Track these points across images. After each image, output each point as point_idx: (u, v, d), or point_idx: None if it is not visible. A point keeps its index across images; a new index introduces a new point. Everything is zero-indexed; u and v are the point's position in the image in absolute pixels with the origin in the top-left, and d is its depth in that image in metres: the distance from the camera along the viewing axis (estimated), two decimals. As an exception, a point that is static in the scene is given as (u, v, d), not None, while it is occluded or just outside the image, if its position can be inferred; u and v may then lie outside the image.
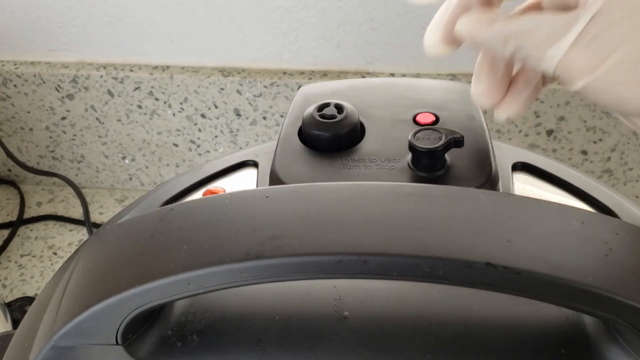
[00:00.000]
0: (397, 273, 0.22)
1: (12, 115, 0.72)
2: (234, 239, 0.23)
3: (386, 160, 0.33)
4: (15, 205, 0.76)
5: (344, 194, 0.25)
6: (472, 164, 0.32)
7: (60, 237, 0.72)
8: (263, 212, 0.24)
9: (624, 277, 0.22)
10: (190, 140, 0.71)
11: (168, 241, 0.24)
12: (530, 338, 0.26)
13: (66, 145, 0.74)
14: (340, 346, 0.26)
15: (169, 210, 0.26)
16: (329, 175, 0.32)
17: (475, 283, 0.22)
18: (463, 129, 0.33)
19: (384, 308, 0.27)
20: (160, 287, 0.23)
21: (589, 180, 0.37)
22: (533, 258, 0.22)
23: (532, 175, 0.38)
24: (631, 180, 0.67)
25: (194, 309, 0.27)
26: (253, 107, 0.67)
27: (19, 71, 0.68)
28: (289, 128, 0.35)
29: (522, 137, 0.65)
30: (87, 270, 0.26)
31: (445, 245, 0.22)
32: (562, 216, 0.24)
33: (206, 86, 0.66)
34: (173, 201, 0.37)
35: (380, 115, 0.36)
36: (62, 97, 0.69)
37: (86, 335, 0.25)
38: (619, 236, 0.24)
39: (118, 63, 0.68)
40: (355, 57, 0.64)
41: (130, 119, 0.70)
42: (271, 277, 0.23)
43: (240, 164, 0.39)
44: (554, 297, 0.22)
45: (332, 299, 0.27)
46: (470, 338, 0.26)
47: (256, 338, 0.26)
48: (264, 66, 0.66)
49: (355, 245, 0.23)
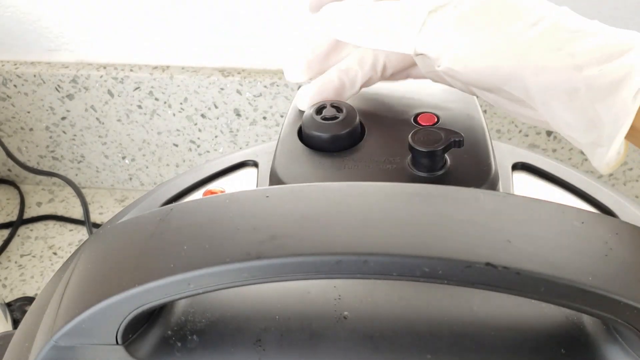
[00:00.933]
0: (397, 273, 0.22)
1: (12, 115, 0.72)
2: (234, 239, 0.23)
3: (386, 160, 0.33)
4: (15, 205, 0.76)
5: (344, 194, 0.25)
6: (472, 164, 0.32)
7: (60, 237, 0.72)
8: (263, 212, 0.24)
9: (624, 277, 0.22)
10: (190, 140, 0.71)
11: (168, 241, 0.24)
12: (530, 338, 0.26)
13: (66, 145, 0.74)
14: (340, 346, 0.26)
15: (169, 210, 0.26)
16: (329, 175, 0.32)
17: (475, 283, 0.22)
18: (463, 129, 0.33)
19: (384, 308, 0.27)
20: (160, 287, 0.23)
21: (589, 180, 0.37)
22: (533, 258, 0.22)
23: (532, 175, 0.38)
24: (631, 180, 0.67)
25: (194, 309, 0.27)
26: (253, 107, 0.67)
27: (19, 71, 0.68)
28: (289, 128, 0.35)
29: (522, 137, 0.65)
30: (87, 270, 0.26)
31: (445, 245, 0.22)
32: (562, 216, 0.24)
33: (206, 86, 0.66)
34: (173, 201, 0.37)
35: (380, 116, 0.36)
36: (62, 97, 0.69)
37: (86, 335, 0.25)
38: (619, 236, 0.24)
39: (118, 63, 0.68)
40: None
41: (130, 119, 0.70)
42: (271, 277, 0.23)
43: (240, 164, 0.39)
44: (554, 297, 0.22)
45: (332, 299, 0.27)
46: (470, 338, 0.26)
47: (256, 338, 0.26)
48: (264, 66, 0.66)
49: (355, 245, 0.23)
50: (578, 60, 0.27)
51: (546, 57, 0.27)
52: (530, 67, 0.27)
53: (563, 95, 0.27)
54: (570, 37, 0.27)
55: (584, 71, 0.27)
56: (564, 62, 0.27)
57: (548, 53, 0.27)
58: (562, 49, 0.27)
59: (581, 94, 0.27)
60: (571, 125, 0.28)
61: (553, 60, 0.27)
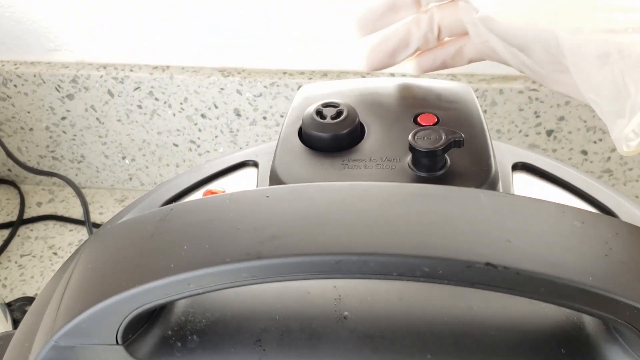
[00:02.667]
0: (397, 273, 0.22)
1: (12, 115, 0.72)
2: (234, 238, 0.23)
3: (386, 160, 0.33)
4: (15, 205, 0.76)
5: (344, 194, 0.25)
6: (472, 164, 0.32)
7: (60, 237, 0.72)
8: (263, 212, 0.24)
9: (624, 277, 0.22)
10: (190, 140, 0.71)
11: (168, 241, 0.24)
12: (530, 338, 0.26)
13: (66, 145, 0.74)
14: (340, 346, 0.26)
15: (169, 210, 0.26)
16: (329, 175, 0.32)
17: (475, 283, 0.22)
18: (463, 129, 0.33)
19: (384, 308, 0.27)
20: (160, 287, 0.23)
21: (589, 180, 0.37)
22: (533, 258, 0.22)
23: (532, 175, 0.38)
24: (631, 180, 0.67)
25: (194, 309, 0.27)
26: (253, 107, 0.67)
27: (19, 71, 0.68)
28: (289, 128, 0.35)
29: (522, 137, 0.65)
30: (87, 270, 0.26)
31: (445, 245, 0.22)
32: (562, 216, 0.24)
33: (206, 86, 0.66)
34: (173, 201, 0.37)
35: (381, 115, 0.36)
36: (62, 97, 0.69)
37: (86, 335, 0.25)
38: (619, 236, 0.24)
39: (118, 63, 0.68)
40: (356, 57, 0.64)
41: (130, 119, 0.70)
42: (271, 277, 0.23)
43: (240, 164, 0.39)
44: (554, 297, 0.22)
45: (332, 299, 0.27)
46: (470, 338, 0.26)
47: (256, 338, 0.26)
48: (264, 66, 0.66)
49: (355, 245, 0.23)
50: (613, 25, 0.27)
51: (583, 17, 0.28)
52: (567, 25, 0.28)
53: (594, 59, 0.28)
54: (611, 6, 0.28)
55: (618, 37, 0.27)
56: (600, 25, 0.27)
57: (585, 14, 0.28)
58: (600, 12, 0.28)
59: (612, 60, 0.27)
60: (598, 90, 0.28)
61: (589, 22, 0.28)
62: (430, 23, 0.37)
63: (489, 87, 0.62)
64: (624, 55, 0.27)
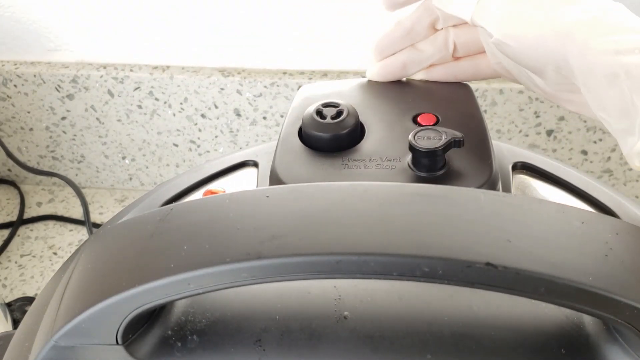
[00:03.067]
0: (397, 273, 0.22)
1: (12, 115, 0.72)
2: (233, 239, 0.23)
3: (386, 160, 0.33)
4: (15, 205, 0.76)
5: (344, 194, 0.25)
6: (472, 164, 0.32)
7: (60, 237, 0.72)
8: (263, 212, 0.24)
9: (624, 277, 0.22)
10: (190, 140, 0.71)
11: (168, 241, 0.24)
12: (530, 338, 0.26)
13: (66, 145, 0.74)
14: (340, 346, 0.26)
15: (169, 210, 0.26)
16: (329, 175, 0.32)
17: (475, 283, 0.22)
18: (463, 129, 0.33)
19: (384, 308, 0.27)
20: (160, 287, 0.23)
21: (589, 180, 0.37)
22: (533, 258, 0.22)
23: (532, 175, 0.38)
24: (631, 180, 0.67)
25: (194, 309, 0.27)
26: (253, 107, 0.67)
27: (19, 71, 0.68)
28: (289, 128, 0.35)
29: (522, 137, 0.65)
30: (87, 270, 0.26)
31: (445, 245, 0.22)
32: (562, 216, 0.24)
33: (206, 86, 0.66)
34: (173, 201, 0.37)
35: (380, 115, 0.36)
36: (62, 97, 0.69)
37: (86, 335, 0.25)
38: (619, 236, 0.24)
39: (118, 63, 0.68)
40: (356, 57, 0.64)
41: (130, 119, 0.70)
42: (271, 277, 0.23)
43: (240, 164, 0.39)
44: (554, 297, 0.22)
45: (332, 299, 0.27)
46: (470, 338, 0.26)
47: (256, 338, 0.26)
48: (264, 66, 0.66)
49: (355, 245, 0.23)
50: (621, 47, 0.28)
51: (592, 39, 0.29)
52: (576, 47, 0.29)
53: (603, 79, 0.28)
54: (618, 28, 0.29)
55: (626, 58, 0.28)
56: (607, 47, 0.28)
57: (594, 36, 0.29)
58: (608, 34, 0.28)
59: (620, 80, 0.28)
60: (607, 109, 0.29)
61: (597, 43, 0.28)
62: (446, 41, 0.38)
63: (489, 87, 0.62)
64: (631, 75, 0.28)
